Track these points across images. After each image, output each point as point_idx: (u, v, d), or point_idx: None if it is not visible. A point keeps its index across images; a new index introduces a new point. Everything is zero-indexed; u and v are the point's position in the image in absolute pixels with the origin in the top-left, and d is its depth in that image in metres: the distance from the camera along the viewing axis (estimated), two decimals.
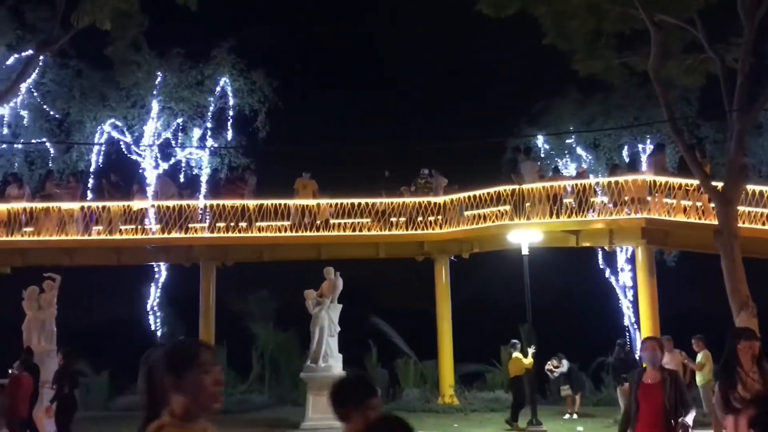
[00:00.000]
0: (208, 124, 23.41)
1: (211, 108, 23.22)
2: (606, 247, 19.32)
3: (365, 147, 28.19)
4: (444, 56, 31.73)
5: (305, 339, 17.68)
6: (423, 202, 19.20)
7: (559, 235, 18.06)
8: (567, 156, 25.27)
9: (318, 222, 19.21)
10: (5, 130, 22.78)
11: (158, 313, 22.52)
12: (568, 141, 24.95)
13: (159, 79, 22.22)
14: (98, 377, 21.43)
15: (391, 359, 21.66)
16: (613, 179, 17.57)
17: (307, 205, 19.27)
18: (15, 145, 23.06)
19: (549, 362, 17.85)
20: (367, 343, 21.39)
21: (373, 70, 32.73)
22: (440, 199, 19.21)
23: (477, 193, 18.45)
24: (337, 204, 19.27)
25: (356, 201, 19.18)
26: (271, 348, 22.38)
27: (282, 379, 21.61)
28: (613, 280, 24.50)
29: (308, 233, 19.03)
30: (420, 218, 19.04)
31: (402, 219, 19.06)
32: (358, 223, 19.18)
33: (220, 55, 22.51)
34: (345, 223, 19.23)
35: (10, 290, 17.56)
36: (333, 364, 15.80)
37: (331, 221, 19.28)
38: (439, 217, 18.99)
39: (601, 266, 24.51)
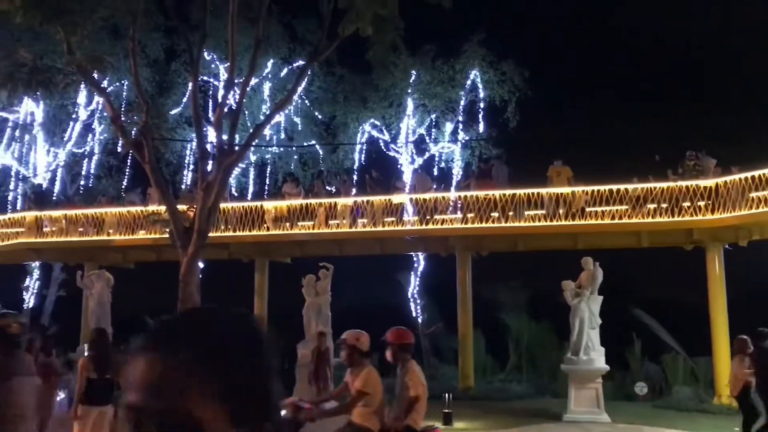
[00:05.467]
0: (459, 118, 23.90)
1: (461, 102, 23.67)
2: None
3: (623, 129, 26.80)
4: (700, 23, 28.85)
5: (560, 330, 17.31)
6: (691, 186, 17.75)
7: None
8: None
9: (573, 210, 18.69)
10: (282, 135, 25.53)
11: (418, 301, 23.55)
12: None
13: (413, 77, 23.17)
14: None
15: (657, 354, 20.39)
16: None
17: (561, 193, 18.86)
18: (290, 148, 25.73)
19: None
20: (630, 336, 20.34)
21: (625, 49, 30.92)
22: (711, 182, 17.60)
23: (756, 173, 16.63)
24: (593, 191, 18.58)
25: (614, 187, 18.33)
26: (526, 338, 22.35)
27: (539, 369, 21.41)
28: None
29: (564, 222, 18.62)
30: (687, 204, 17.63)
31: (665, 205, 17.82)
32: (617, 210, 18.32)
33: (471, 49, 22.82)
34: (602, 211, 18.48)
35: (291, 278, 19.56)
36: (595, 357, 15.30)
37: (588, 209, 18.65)
38: (710, 201, 17.44)
39: None
